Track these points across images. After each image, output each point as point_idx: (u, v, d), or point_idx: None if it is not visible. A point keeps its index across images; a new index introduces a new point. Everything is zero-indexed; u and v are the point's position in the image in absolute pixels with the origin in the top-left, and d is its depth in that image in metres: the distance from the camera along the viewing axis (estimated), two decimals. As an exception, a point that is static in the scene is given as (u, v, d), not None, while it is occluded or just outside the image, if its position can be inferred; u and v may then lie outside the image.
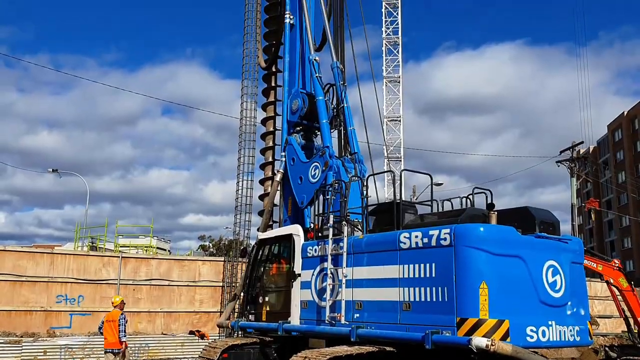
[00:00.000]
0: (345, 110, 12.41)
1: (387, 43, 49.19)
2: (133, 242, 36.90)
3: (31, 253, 18.68)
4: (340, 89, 12.55)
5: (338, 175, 11.01)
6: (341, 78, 12.74)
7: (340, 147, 12.49)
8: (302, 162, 12.12)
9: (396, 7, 49.16)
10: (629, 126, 75.09)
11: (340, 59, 13.41)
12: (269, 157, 14.91)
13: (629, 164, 73.73)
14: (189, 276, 20.19)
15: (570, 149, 34.92)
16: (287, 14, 13.88)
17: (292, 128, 13.10)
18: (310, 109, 12.62)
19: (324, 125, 11.87)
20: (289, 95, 13.27)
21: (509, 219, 8.25)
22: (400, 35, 49.26)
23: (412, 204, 10.13)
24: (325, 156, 11.34)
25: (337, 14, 14.12)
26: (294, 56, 13.74)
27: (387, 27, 49.33)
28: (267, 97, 15.40)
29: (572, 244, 8.82)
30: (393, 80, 49.17)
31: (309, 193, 11.57)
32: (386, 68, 49.31)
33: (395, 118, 48.47)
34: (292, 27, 13.92)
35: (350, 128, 12.26)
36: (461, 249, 7.59)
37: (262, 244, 11.86)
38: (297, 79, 13.56)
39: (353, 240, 9.30)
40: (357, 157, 11.84)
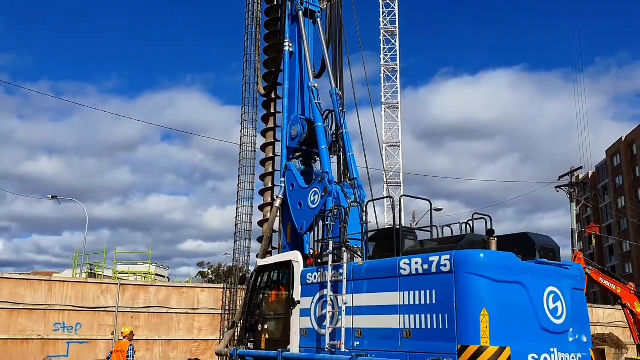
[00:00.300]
0: (345, 136, 12.48)
1: (386, 70, 49.70)
2: (132, 269, 36.70)
3: (29, 280, 18.56)
4: (339, 115, 12.64)
5: (337, 201, 11.00)
6: (340, 104, 12.85)
7: (340, 173, 12.51)
8: (301, 188, 12.13)
9: (394, 34, 49.81)
10: (627, 151, 75.37)
11: (339, 86, 13.53)
12: (268, 182, 14.91)
13: (629, 189, 73.79)
14: (188, 303, 20.02)
15: (569, 175, 34.98)
16: (286, 42, 14.05)
17: (292, 154, 13.15)
18: (309, 135, 12.69)
19: (323, 151, 11.92)
20: (289, 121, 13.36)
21: (509, 245, 8.22)
22: (399, 62, 49.83)
23: (412, 230, 10.11)
24: (324, 182, 11.35)
25: (336, 42, 14.30)
26: (293, 83, 13.87)
27: (386, 54, 49.91)
28: (266, 123, 15.48)
29: (572, 269, 8.78)
30: (392, 106, 49.53)
31: (308, 219, 11.55)
32: (385, 94, 49.73)
33: (394, 143, 48.68)
34: (291, 54, 14.08)
35: (350, 154, 12.32)
36: (461, 276, 7.54)
37: (261, 271, 11.78)
38: (296, 105, 13.67)
39: (353, 267, 9.25)
40: (357, 182, 11.86)
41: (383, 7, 50.01)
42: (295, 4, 13.98)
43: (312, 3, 14.30)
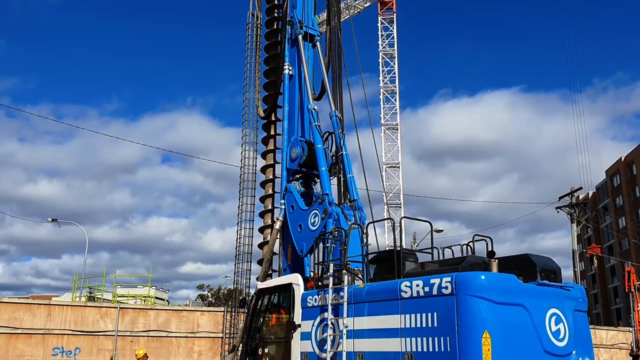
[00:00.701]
0: (344, 157, 12.52)
1: (385, 92, 50.04)
2: (131, 292, 36.48)
3: (28, 305, 18.43)
4: (339, 137, 12.70)
5: (338, 223, 10.99)
6: (340, 126, 12.92)
7: (340, 194, 12.52)
8: (301, 210, 12.12)
9: (393, 57, 50.27)
10: (626, 172, 75.45)
11: (339, 108, 13.62)
12: (268, 204, 14.91)
13: (629, 209, 73.69)
14: (188, 327, 19.86)
15: (569, 195, 34.99)
16: (286, 65, 14.19)
17: (292, 176, 13.18)
18: (309, 157, 12.74)
19: (323, 172, 11.95)
20: (288, 143, 13.42)
21: (510, 267, 8.19)
22: (398, 84, 50.21)
23: (413, 252, 10.08)
24: (324, 203, 11.36)
25: (336, 65, 14.44)
26: (293, 105, 13.97)
27: (385, 76, 50.31)
28: (266, 145, 15.55)
29: (574, 291, 8.73)
30: (391, 128, 49.76)
31: (308, 241, 11.53)
32: (384, 115, 50.00)
33: (394, 165, 48.77)
34: (291, 77, 14.21)
35: (350, 175, 12.34)
36: (463, 298, 7.50)
37: (261, 294, 11.72)
38: (296, 127, 13.75)
39: (354, 290, 9.20)
40: (357, 204, 11.86)
41: (382, 30, 50.57)
42: (294, 28, 14.14)
43: (312, 27, 14.48)
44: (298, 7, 14.34)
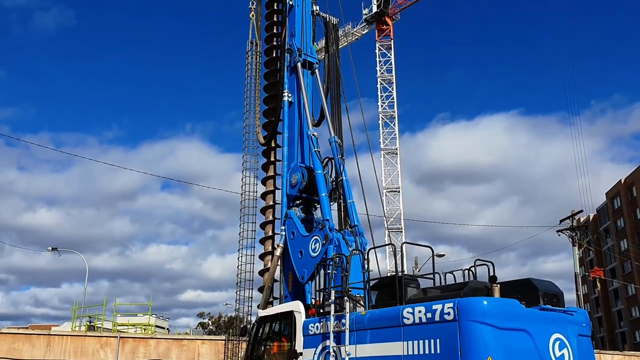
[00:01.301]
0: (344, 183, 12.56)
1: (384, 117, 50.35)
2: (131, 321, 36.12)
3: (27, 335, 18.27)
4: (338, 163, 12.75)
5: (339, 249, 10.97)
6: (339, 152, 12.98)
7: (340, 220, 12.52)
8: (302, 236, 12.10)
9: (391, 82, 50.73)
10: (626, 194, 75.44)
11: (338, 133, 13.72)
12: (268, 231, 14.89)
13: (630, 232, 73.46)
14: (189, 356, 19.65)
15: (570, 218, 34.93)
16: (285, 92, 14.32)
17: (292, 202, 13.19)
18: (309, 183, 12.77)
19: (323, 198, 11.97)
20: (288, 169, 13.47)
21: (512, 292, 8.16)
22: (396, 109, 50.54)
23: (415, 278, 10.03)
24: (325, 229, 11.35)
25: (334, 91, 14.59)
26: (292, 132, 14.06)
27: (383, 102, 50.68)
28: (266, 171, 15.60)
29: (577, 315, 8.67)
30: (391, 152, 49.92)
31: (309, 268, 11.48)
32: (383, 140, 50.22)
33: (394, 189, 48.80)
34: (290, 104, 14.33)
35: (350, 201, 12.35)
36: (465, 324, 7.45)
37: (262, 322, 11.62)
38: (296, 153, 13.81)
39: (355, 317, 9.14)
40: (358, 229, 11.85)
41: (380, 56, 51.10)
42: (293, 56, 14.31)
43: (310, 55, 14.66)
44: (297, 35, 14.53)
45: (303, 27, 14.68)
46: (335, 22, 15.57)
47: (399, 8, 50.89)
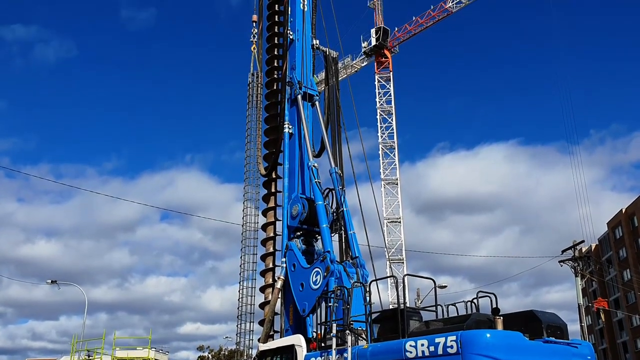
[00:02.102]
0: (345, 214, 12.55)
1: (384, 147, 50.56)
2: (131, 354, 35.60)
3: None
4: (339, 194, 12.77)
5: (340, 281, 10.90)
6: (340, 183, 13.01)
7: (342, 251, 12.47)
8: (303, 268, 12.04)
9: (390, 113, 51.11)
10: (628, 223, 75.22)
11: (339, 164, 13.78)
12: (269, 263, 14.82)
13: (633, 262, 72.99)
14: (187, 390, 19.32)
15: (571, 248, 34.75)
16: (286, 124, 14.44)
17: (293, 233, 13.16)
18: (310, 214, 12.76)
19: (324, 229, 11.94)
20: (289, 200, 13.48)
21: (515, 324, 8.07)
22: (396, 140, 50.77)
23: (417, 310, 9.94)
24: (326, 261, 11.29)
25: (334, 123, 14.71)
26: (293, 163, 14.13)
27: (383, 132, 50.96)
28: (267, 202, 15.60)
29: (582, 348, 8.56)
30: (391, 183, 49.96)
31: (310, 300, 11.39)
32: (384, 170, 50.30)
33: (395, 219, 48.68)
34: (291, 135, 14.43)
35: (351, 232, 12.32)
36: (469, 357, 7.36)
37: (263, 356, 11.47)
38: (296, 184, 13.84)
39: (357, 350, 9.02)
40: (359, 261, 11.79)
41: (379, 88, 51.60)
42: (294, 88, 14.48)
43: (311, 87, 14.83)
44: (297, 68, 14.73)
45: (303, 61, 14.89)
46: (335, 56, 15.80)
47: (397, 41, 51.60)
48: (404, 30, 50.98)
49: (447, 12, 47.86)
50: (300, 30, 15.19)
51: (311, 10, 15.48)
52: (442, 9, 47.74)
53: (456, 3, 47.05)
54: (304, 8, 15.33)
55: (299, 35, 15.18)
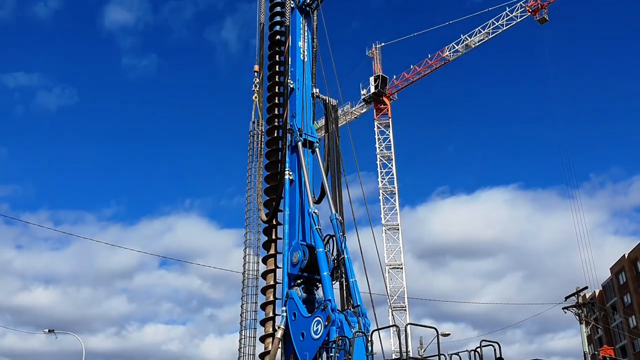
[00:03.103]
0: (346, 261, 12.46)
1: (384, 192, 50.59)
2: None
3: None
4: (340, 240, 12.72)
5: (341, 331, 10.71)
6: (340, 229, 12.98)
7: (343, 299, 12.31)
8: (303, 317, 11.86)
9: (390, 159, 51.41)
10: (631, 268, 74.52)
11: (339, 209, 13.77)
12: (269, 312, 14.57)
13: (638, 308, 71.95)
14: None
15: (575, 295, 34.33)
16: (287, 170, 14.51)
17: (293, 281, 13.03)
18: (310, 261, 12.66)
19: (325, 277, 11.83)
20: (289, 247, 13.40)
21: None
22: (397, 185, 50.87)
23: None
24: (327, 310, 11.14)
25: (334, 169, 14.79)
26: (293, 209, 14.12)
27: (383, 177, 51.10)
28: (267, 250, 15.48)
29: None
30: (392, 228, 49.76)
31: (311, 351, 11.17)
32: (384, 216, 50.17)
33: (397, 266, 48.25)
34: (291, 182, 14.48)
35: (352, 280, 12.19)
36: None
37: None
38: (297, 231, 13.80)
39: (359, 402, 8.78)
40: (360, 310, 11.62)
41: (378, 134, 52.08)
42: (294, 135, 14.63)
43: (311, 134, 14.99)
44: (298, 116, 14.93)
45: (304, 109, 15.10)
46: (334, 103, 16.04)
47: (395, 89, 52.37)
48: (402, 78, 51.87)
49: (445, 61, 48.81)
50: (300, 79, 15.47)
51: (311, 60, 15.81)
52: (440, 57, 48.70)
53: (453, 52, 48.05)
54: (304, 58, 15.66)
55: (299, 84, 15.44)
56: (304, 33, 15.85)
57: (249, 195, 17.10)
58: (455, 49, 47.79)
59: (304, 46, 15.75)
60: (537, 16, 44.42)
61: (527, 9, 44.36)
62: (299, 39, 15.76)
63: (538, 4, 44.11)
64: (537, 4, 44.11)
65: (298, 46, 15.69)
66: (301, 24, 15.93)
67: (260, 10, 17.56)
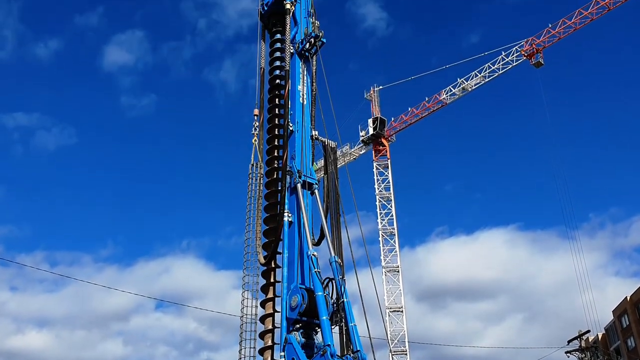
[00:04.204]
0: (346, 305, 12.33)
1: (384, 234, 50.44)
2: None
3: None
4: (339, 283, 12.61)
5: (341, 377, 10.50)
6: (340, 272, 12.88)
7: (342, 344, 12.12)
8: (302, 363, 11.64)
9: (389, 200, 51.46)
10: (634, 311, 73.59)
11: (338, 252, 13.72)
12: (267, 357, 14.31)
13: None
14: None
15: (578, 338, 33.85)
16: (286, 212, 14.50)
17: (292, 325, 12.84)
18: (309, 305, 12.53)
19: (324, 322, 11.68)
20: (288, 291, 13.27)
21: None
22: (396, 227, 50.75)
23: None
24: (326, 355, 10.98)
25: (334, 210, 14.80)
26: (292, 252, 14.05)
27: (382, 219, 51.04)
28: (266, 293, 15.32)
29: None
30: (392, 270, 49.39)
31: (310, 397, 10.93)
32: (384, 257, 49.87)
33: (397, 309, 47.69)
34: (290, 224, 14.46)
35: (352, 324, 12.03)
36: None
37: None
38: (296, 274, 13.70)
39: None
40: (360, 355, 11.44)
41: (377, 175, 52.32)
42: (294, 177, 14.69)
43: (310, 176, 15.06)
44: (297, 158, 15.04)
45: (303, 151, 15.23)
46: (333, 145, 16.18)
47: (394, 130, 52.94)
48: (400, 120, 52.53)
49: (442, 104, 49.52)
50: (299, 122, 15.65)
51: (310, 103, 16.04)
52: (437, 100, 49.43)
53: (450, 95, 48.76)
54: (304, 102, 15.90)
55: (298, 126, 15.61)
56: (303, 77, 16.13)
57: (248, 238, 17.04)
58: (452, 92, 48.55)
59: (303, 90, 16.02)
60: (532, 60, 45.28)
61: (523, 53, 45.29)
62: (298, 83, 16.03)
63: (533, 48, 45.06)
64: (533, 48, 45.07)
65: (297, 90, 15.95)
66: (300, 69, 16.24)
67: (261, 55, 17.91)
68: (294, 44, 16.41)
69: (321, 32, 16.09)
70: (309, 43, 16.05)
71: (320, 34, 16.02)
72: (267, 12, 17.73)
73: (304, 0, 16.99)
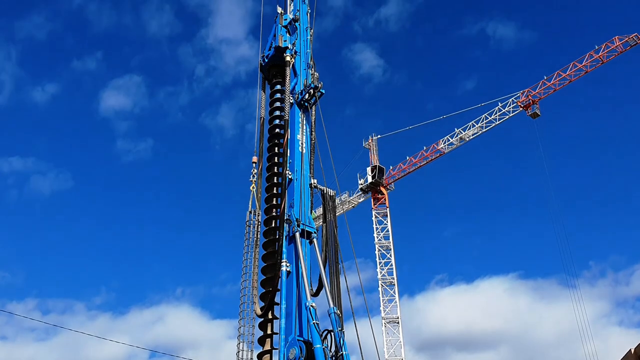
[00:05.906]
0: (345, 358, 12.03)
1: (383, 284, 49.82)
2: None
3: None
4: (338, 336, 12.33)
5: None
6: (339, 324, 12.63)
7: (341, 400, 11.74)
8: (300, 421, 11.25)
9: (389, 249, 51.09)
10: (639, 364, 71.98)
11: (337, 303, 13.46)
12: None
13: (650, 407, 68.69)
14: None
15: (584, 393, 32.88)
16: (283, 262, 14.33)
17: (289, 379, 12.46)
18: (307, 358, 12.21)
19: (322, 376, 11.34)
20: (286, 343, 12.98)
21: None
22: (396, 276, 50.17)
23: None
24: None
25: (332, 260, 14.62)
26: (290, 302, 13.80)
27: (382, 268, 50.51)
28: (262, 345, 14.96)
29: None
30: (392, 321, 48.53)
31: None
32: (384, 308, 49.08)
33: (396, 362, 46.55)
34: (288, 274, 14.26)
35: (351, 378, 11.70)
36: None
37: None
38: (293, 325, 13.43)
39: None
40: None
41: (376, 223, 52.11)
42: (292, 226, 14.59)
43: (308, 225, 14.95)
44: (295, 206, 14.97)
45: (301, 199, 15.18)
46: (332, 194, 16.16)
47: (392, 179, 53.11)
48: (399, 168, 52.77)
49: (440, 153, 49.88)
50: (298, 170, 15.69)
51: (309, 152, 16.14)
52: (435, 149, 49.83)
53: (448, 145, 49.19)
54: (302, 151, 16.00)
55: (297, 175, 15.63)
56: (302, 126, 16.30)
57: (244, 287, 16.78)
58: (449, 141, 48.99)
59: (302, 139, 16.14)
60: (529, 111, 45.83)
61: (519, 104, 45.93)
62: (297, 132, 16.18)
63: (529, 99, 45.70)
64: (529, 99, 45.72)
65: (297, 139, 16.07)
66: (300, 118, 16.43)
67: (261, 105, 18.16)
68: (294, 94, 16.67)
69: (320, 84, 16.37)
70: (308, 94, 16.30)
71: (319, 85, 16.30)
72: (267, 63, 18.09)
73: (304, 53, 17.36)
